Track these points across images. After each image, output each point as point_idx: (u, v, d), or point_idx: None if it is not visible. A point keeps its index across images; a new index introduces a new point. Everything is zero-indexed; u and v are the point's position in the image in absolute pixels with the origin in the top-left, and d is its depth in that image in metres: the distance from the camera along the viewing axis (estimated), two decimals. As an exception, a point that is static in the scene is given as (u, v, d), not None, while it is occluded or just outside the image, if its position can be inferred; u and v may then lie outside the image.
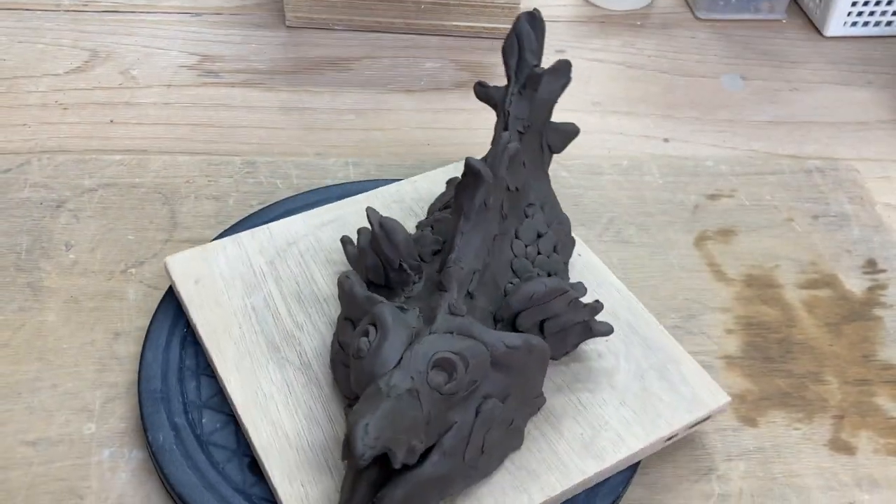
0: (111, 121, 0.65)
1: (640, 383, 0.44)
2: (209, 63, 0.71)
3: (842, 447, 0.47)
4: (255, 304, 0.47)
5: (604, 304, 0.44)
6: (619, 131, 0.68)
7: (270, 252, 0.50)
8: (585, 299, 0.44)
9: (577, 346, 0.45)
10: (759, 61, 0.76)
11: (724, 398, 0.44)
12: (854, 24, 0.79)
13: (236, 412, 0.43)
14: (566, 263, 0.49)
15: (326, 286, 0.49)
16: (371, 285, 0.45)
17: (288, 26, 0.75)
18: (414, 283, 0.43)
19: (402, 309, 0.39)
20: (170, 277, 0.48)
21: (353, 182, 0.58)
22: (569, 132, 0.52)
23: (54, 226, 0.56)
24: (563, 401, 0.43)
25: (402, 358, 0.36)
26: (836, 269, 0.57)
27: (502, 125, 0.49)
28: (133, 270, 0.53)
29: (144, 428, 0.43)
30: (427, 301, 0.40)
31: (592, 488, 0.42)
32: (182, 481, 0.41)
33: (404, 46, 0.75)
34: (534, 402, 0.42)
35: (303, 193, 0.56)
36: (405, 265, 0.43)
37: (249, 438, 0.41)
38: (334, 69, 0.72)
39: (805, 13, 0.82)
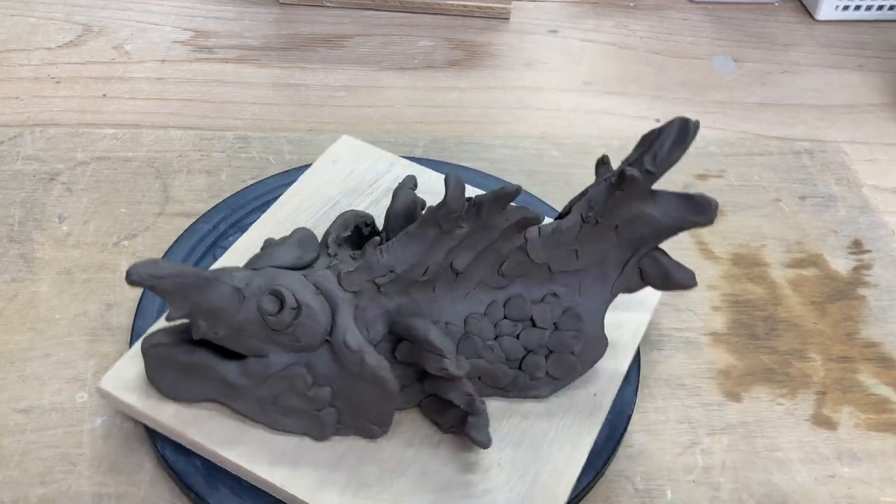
0: (104, 95, 0.65)
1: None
2: (202, 38, 0.71)
3: (824, 422, 0.48)
4: None
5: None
6: (610, 111, 0.68)
7: None
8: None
9: (452, 429, 0.42)
10: (750, 44, 0.77)
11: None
12: (846, 7, 0.79)
13: None
14: (547, 377, 0.43)
15: None
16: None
17: (281, 3, 0.75)
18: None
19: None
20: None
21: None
22: (673, 277, 0.42)
23: (47, 198, 0.56)
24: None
25: (258, 273, 0.40)
26: (821, 249, 0.57)
27: (576, 199, 0.43)
28: (126, 243, 0.54)
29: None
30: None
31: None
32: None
33: (398, 24, 0.75)
34: (370, 428, 0.41)
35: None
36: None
37: None
38: (327, 46, 0.72)
39: (797, -4, 0.83)
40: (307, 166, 0.57)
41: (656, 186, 0.40)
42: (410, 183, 0.44)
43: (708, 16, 0.80)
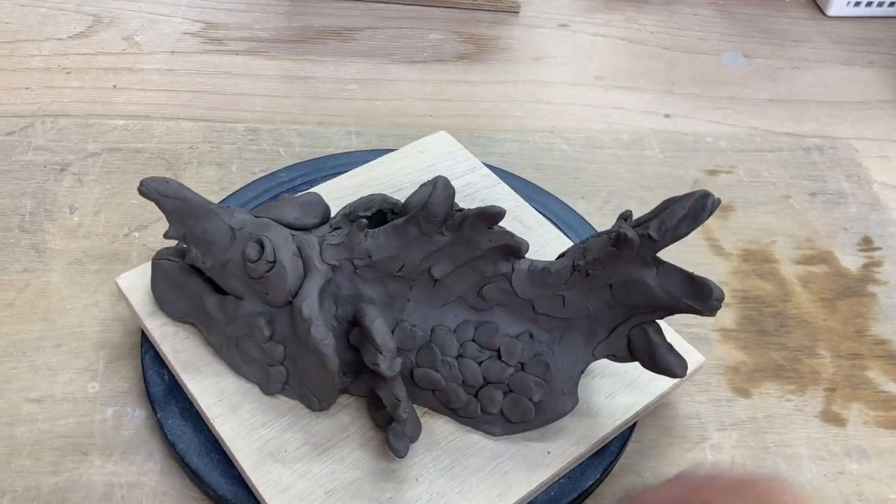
0: (114, 86, 0.65)
1: None
2: (213, 30, 0.71)
3: (833, 419, 0.48)
4: None
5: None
6: (620, 106, 0.68)
7: None
8: None
9: (383, 429, 0.41)
10: (761, 39, 0.76)
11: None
12: (857, 4, 0.79)
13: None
14: (501, 416, 0.41)
15: None
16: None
17: (291, -5, 0.75)
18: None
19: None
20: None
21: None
22: (661, 359, 0.39)
23: (58, 189, 0.56)
24: None
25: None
26: (831, 246, 0.57)
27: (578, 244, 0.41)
28: (136, 234, 0.54)
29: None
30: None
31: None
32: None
33: (408, 17, 0.75)
34: (311, 399, 0.42)
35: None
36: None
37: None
38: (337, 39, 0.72)
39: (808, -8, 0.82)
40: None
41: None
42: (442, 183, 0.41)
43: (718, 11, 0.80)
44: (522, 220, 0.52)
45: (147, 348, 0.45)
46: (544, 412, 0.41)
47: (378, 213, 0.44)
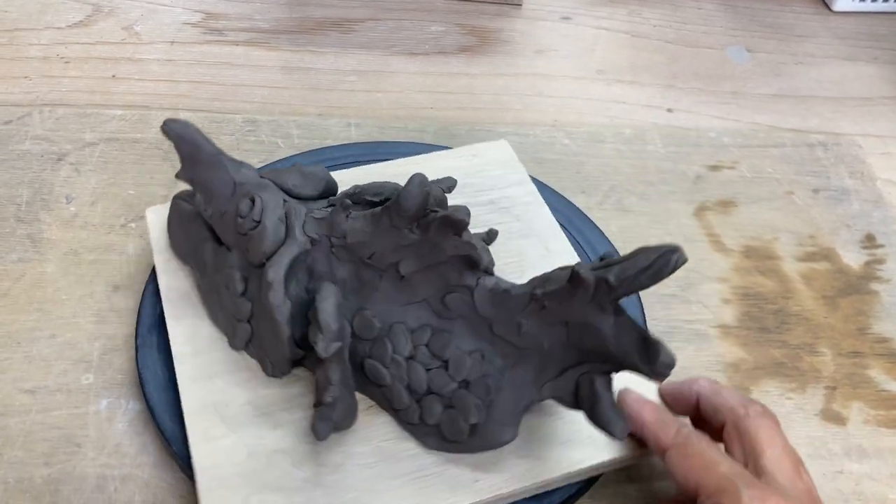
0: (113, 76, 0.65)
1: None
2: (213, 21, 0.71)
3: (833, 417, 0.47)
4: None
5: None
6: (622, 100, 0.67)
7: None
8: None
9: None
10: (764, 34, 0.76)
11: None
12: (863, -1, 0.78)
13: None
14: (436, 429, 0.40)
15: None
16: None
17: (292, -14, 0.75)
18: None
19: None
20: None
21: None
22: (601, 414, 0.36)
23: (55, 178, 0.56)
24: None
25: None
26: (834, 243, 0.57)
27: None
28: (133, 225, 0.53)
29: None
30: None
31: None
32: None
33: (409, 9, 0.74)
34: (266, 362, 0.42)
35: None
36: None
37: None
38: (338, 30, 0.71)
39: (814, -13, 0.82)
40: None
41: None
42: (417, 179, 0.40)
43: (722, 5, 0.79)
44: (549, 246, 0.49)
45: (150, 283, 0.47)
46: (479, 437, 0.39)
47: (387, 200, 0.43)
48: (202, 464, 0.39)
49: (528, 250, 0.49)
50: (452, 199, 0.50)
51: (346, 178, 0.48)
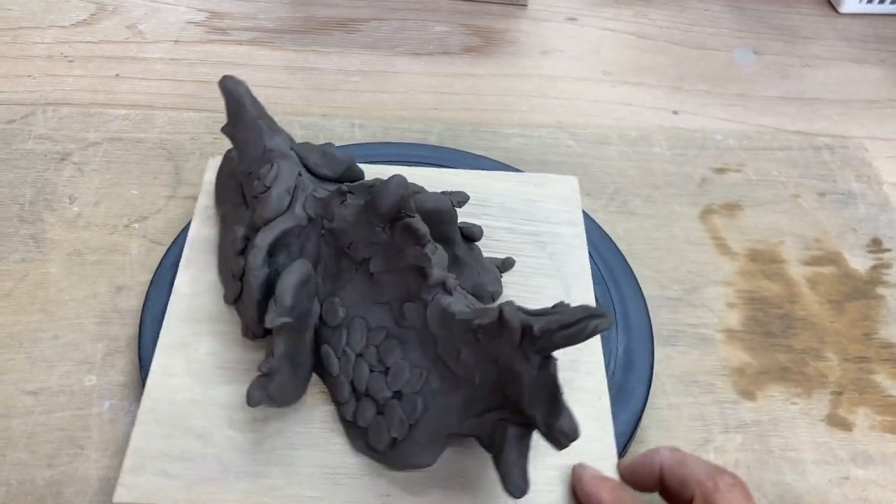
0: (117, 75, 0.64)
1: None
2: (217, 20, 0.71)
3: (839, 423, 0.47)
4: None
5: None
6: (628, 102, 0.67)
7: None
8: None
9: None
10: (771, 36, 0.76)
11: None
12: (870, 1, 0.77)
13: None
14: (364, 433, 0.39)
15: None
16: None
17: (297, -15, 0.75)
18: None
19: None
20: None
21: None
22: (502, 464, 0.35)
23: (58, 178, 0.56)
24: None
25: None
26: (840, 247, 0.57)
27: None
28: (136, 225, 0.53)
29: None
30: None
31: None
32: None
33: (413, 9, 0.74)
34: (245, 323, 0.43)
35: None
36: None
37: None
38: (342, 30, 0.71)
39: (820, -12, 0.81)
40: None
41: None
42: (396, 180, 0.39)
43: (729, 7, 0.79)
44: (570, 293, 0.47)
45: (185, 231, 0.49)
46: (398, 453, 0.38)
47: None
48: (149, 394, 0.41)
49: (547, 292, 0.47)
50: (495, 220, 0.50)
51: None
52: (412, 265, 0.39)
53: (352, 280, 0.42)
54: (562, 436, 0.33)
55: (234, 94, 0.45)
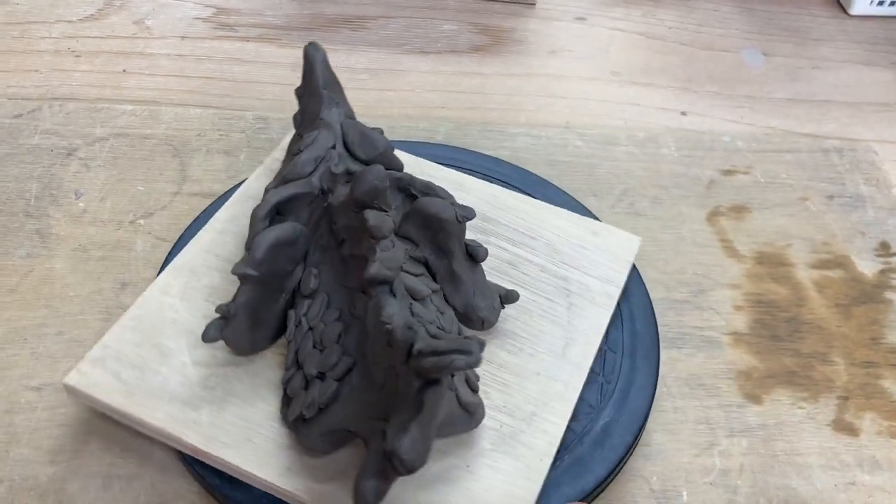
0: (124, 70, 0.64)
1: None
2: (224, 16, 0.70)
3: (845, 428, 0.47)
4: None
5: None
6: (636, 102, 0.67)
7: None
8: None
9: None
10: (781, 37, 0.75)
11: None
12: (880, 3, 0.77)
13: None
14: (290, 402, 0.39)
15: None
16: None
17: (305, -18, 0.74)
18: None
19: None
20: None
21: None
22: (357, 480, 0.34)
23: (64, 173, 0.55)
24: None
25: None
26: (848, 251, 0.56)
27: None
28: (142, 221, 0.53)
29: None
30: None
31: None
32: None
33: (421, 7, 0.74)
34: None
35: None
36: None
37: None
38: (349, 27, 0.71)
39: (831, -10, 0.81)
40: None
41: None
42: (377, 170, 0.41)
43: (738, 7, 0.78)
44: (567, 350, 0.44)
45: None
46: (299, 430, 0.38)
47: (406, 190, 0.45)
48: (140, 303, 0.44)
49: (545, 339, 0.44)
50: (533, 255, 0.48)
51: None
52: (366, 256, 0.39)
53: (333, 257, 0.43)
54: (396, 460, 0.31)
55: (310, 59, 0.48)
